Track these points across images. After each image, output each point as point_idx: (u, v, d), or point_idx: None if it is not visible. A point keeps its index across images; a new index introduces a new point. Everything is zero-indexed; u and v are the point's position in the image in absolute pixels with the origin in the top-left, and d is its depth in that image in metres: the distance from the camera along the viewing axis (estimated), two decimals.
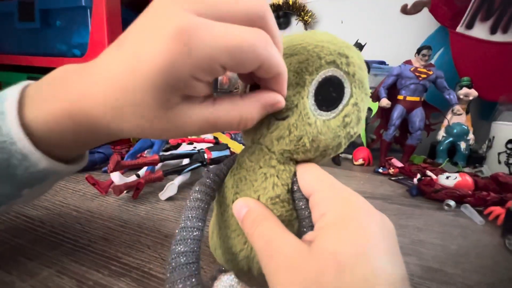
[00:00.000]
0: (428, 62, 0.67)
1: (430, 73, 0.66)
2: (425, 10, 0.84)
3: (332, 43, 0.15)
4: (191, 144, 0.51)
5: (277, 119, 0.16)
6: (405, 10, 0.86)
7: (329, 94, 0.15)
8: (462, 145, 0.67)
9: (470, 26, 0.76)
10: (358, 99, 0.16)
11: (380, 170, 0.63)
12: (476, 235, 0.35)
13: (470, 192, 0.44)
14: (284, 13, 1.04)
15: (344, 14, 0.99)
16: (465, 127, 0.68)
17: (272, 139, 0.16)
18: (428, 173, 0.54)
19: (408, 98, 0.68)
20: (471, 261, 0.28)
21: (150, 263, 0.24)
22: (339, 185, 0.15)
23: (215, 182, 0.18)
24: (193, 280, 0.13)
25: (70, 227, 0.29)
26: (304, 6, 1.00)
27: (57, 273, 0.22)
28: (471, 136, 0.68)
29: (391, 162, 0.66)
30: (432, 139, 0.76)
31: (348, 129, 0.16)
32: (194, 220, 0.16)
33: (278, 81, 0.14)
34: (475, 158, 0.69)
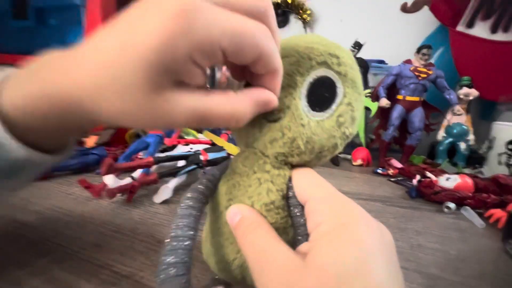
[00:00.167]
0: (428, 62, 0.67)
1: (430, 73, 0.65)
2: (425, 9, 0.83)
3: (322, 44, 0.15)
4: (187, 146, 0.50)
5: (269, 121, 0.15)
6: (405, 9, 0.85)
7: (322, 95, 0.15)
8: (462, 146, 0.67)
9: (471, 25, 0.75)
10: (352, 99, 0.16)
11: (379, 171, 0.62)
12: (476, 239, 0.34)
13: (470, 194, 0.43)
14: (283, 12, 1.03)
15: (343, 13, 0.98)
16: (465, 127, 0.67)
17: (265, 142, 0.16)
18: (428, 175, 0.54)
19: (408, 98, 0.67)
20: (472, 267, 0.28)
21: (143, 271, 0.23)
22: (336, 193, 0.15)
23: (208, 188, 0.17)
24: None
25: (61, 233, 0.28)
26: (303, 5, 0.99)
27: (46, 283, 0.21)
28: (471, 137, 0.68)
29: (391, 163, 0.65)
30: (432, 140, 0.76)
31: (343, 129, 0.16)
32: (186, 229, 0.15)
33: (273, 79, 0.14)
34: (475, 159, 0.69)
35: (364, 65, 0.73)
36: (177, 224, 0.15)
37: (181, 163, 0.43)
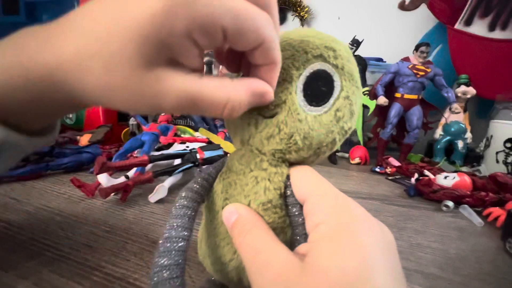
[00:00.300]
0: (426, 59, 0.66)
1: (428, 71, 0.65)
2: (423, 7, 0.83)
3: (318, 38, 0.15)
4: (183, 144, 0.49)
5: (265, 117, 0.15)
6: (403, 6, 0.85)
7: (319, 89, 0.15)
8: (460, 144, 0.67)
9: (469, 23, 0.75)
10: (349, 92, 0.15)
11: (377, 169, 0.62)
12: (475, 238, 0.34)
13: (469, 193, 0.43)
14: (280, 9, 1.01)
15: (341, 10, 0.98)
16: (463, 126, 0.67)
17: (262, 139, 0.15)
18: (426, 173, 0.53)
19: (406, 96, 0.67)
20: (471, 266, 0.27)
21: (136, 273, 0.22)
22: (335, 191, 0.14)
23: (203, 187, 0.17)
24: None
25: (52, 234, 0.27)
26: (301, 2, 0.98)
27: (34, 286, 0.20)
28: (469, 135, 0.68)
29: (388, 161, 0.65)
30: (430, 138, 0.76)
31: (342, 124, 0.15)
32: (180, 229, 0.14)
33: (271, 71, 0.13)
34: (473, 157, 0.69)
35: (362, 63, 0.73)
36: (171, 225, 0.15)
37: (177, 162, 0.42)
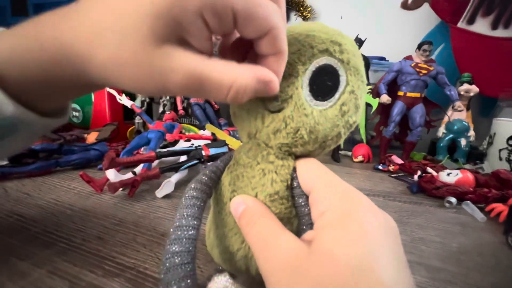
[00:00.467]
0: (429, 58, 0.67)
1: (431, 69, 0.65)
2: (426, 5, 0.83)
3: (324, 32, 0.15)
4: (189, 141, 0.50)
5: (272, 112, 0.15)
6: (406, 5, 0.85)
7: (324, 83, 0.15)
8: (463, 142, 0.67)
9: (471, 21, 0.75)
10: (355, 87, 0.15)
11: (380, 167, 0.62)
12: (478, 233, 0.34)
13: (471, 189, 0.43)
14: None
15: (344, 9, 0.98)
16: (466, 124, 0.67)
17: (269, 133, 0.16)
18: (429, 170, 0.54)
19: (409, 94, 0.67)
20: (473, 259, 0.28)
21: (146, 263, 0.23)
22: (340, 182, 0.14)
23: (212, 179, 0.17)
24: (188, 281, 0.13)
25: (64, 226, 0.28)
26: (303, 1, 0.99)
27: (49, 274, 0.21)
28: (472, 133, 0.68)
29: (391, 159, 0.65)
30: (432, 136, 0.76)
31: (347, 118, 0.15)
32: (190, 219, 0.15)
33: (277, 61, 0.14)
34: (476, 155, 0.69)
35: (365, 62, 0.73)
36: (182, 214, 0.15)
37: (183, 158, 0.43)
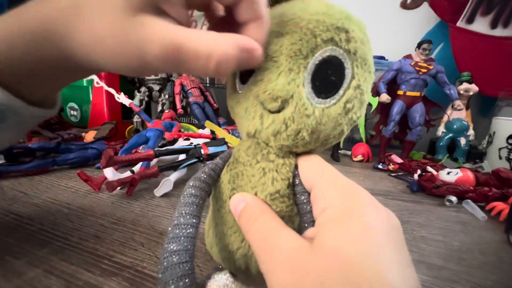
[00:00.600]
0: (429, 57, 0.67)
1: (431, 68, 0.65)
2: (425, 5, 0.83)
3: (328, 15, 0.13)
4: (188, 140, 0.49)
5: (272, 112, 0.14)
6: (405, 5, 0.85)
7: (328, 78, 0.14)
8: (462, 141, 0.67)
9: (471, 21, 0.75)
10: (361, 80, 0.14)
11: (380, 166, 0.62)
12: (479, 231, 0.34)
13: (472, 188, 0.43)
14: None
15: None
16: (465, 123, 0.67)
17: (268, 135, 0.15)
18: (429, 169, 0.53)
19: (408, 93, 0.67)
20: (475, 258, 0.28)
21: (144, 262, 0.23)
22: (342, 178, 0.14)
23: (211, 177, 0.17)
24: (186, 281, 0.12)
25: (61, 225, 0.28)
26: None
27: (45, 273, 0.21)
28: (471, 132, 0.68)
29: (391, 158, 0.65)
30: (432, 135, 0.76)
31: (351, 115, 0.14)
32: (188, 217, 0.15)
33: (257, 27, 0.13)
34: (475, 154, 0.69)
35: None
36: (180, 212, 0.15)
37: (182, 157, 0.43)
